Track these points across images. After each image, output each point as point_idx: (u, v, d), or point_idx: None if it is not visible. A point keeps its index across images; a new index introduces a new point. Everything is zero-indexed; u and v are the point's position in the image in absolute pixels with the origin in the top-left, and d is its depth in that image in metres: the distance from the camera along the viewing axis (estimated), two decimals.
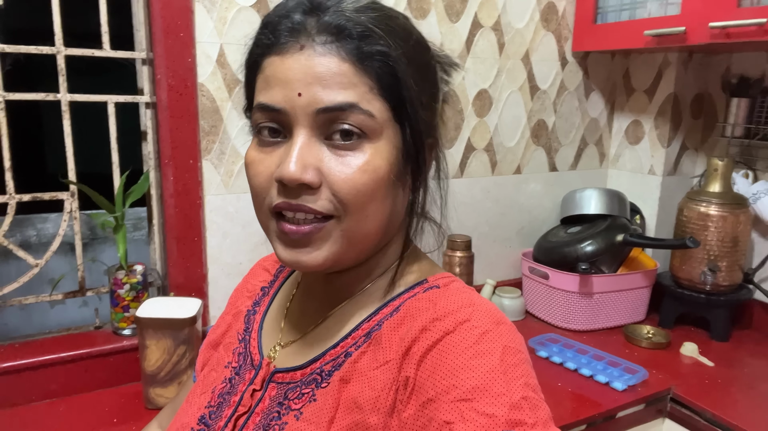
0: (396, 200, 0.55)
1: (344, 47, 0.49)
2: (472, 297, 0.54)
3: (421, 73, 0.54)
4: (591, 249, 1.48)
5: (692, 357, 1.36)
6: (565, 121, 1.68)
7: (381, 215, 0.53)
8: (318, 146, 0.50)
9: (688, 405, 1.19)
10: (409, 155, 0.54)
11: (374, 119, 0.50)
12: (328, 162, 0.50)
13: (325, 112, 0.49)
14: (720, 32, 1.23)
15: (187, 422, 0.62)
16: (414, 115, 0.53)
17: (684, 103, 1.63)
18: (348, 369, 0.54)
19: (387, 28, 0.51)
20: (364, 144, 0.51)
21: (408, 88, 0.51)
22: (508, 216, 1.65)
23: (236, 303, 0.73)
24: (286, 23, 0.51)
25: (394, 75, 0.51)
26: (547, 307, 1.54)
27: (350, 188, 0.50)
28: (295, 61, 0.49)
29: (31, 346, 1.15)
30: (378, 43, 0.50)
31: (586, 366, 1.27)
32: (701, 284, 1.46)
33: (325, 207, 0.50)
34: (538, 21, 1.56)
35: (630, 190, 1.72)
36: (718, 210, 1.43)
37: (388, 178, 0.52)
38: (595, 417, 1.13)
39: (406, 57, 0.51)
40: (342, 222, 0.51)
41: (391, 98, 0.51)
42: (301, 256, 0.52)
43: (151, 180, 1.24)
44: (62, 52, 1.12)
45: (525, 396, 0.45)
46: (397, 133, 0.53)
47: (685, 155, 1.68)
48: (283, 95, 0.50)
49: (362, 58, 0.49)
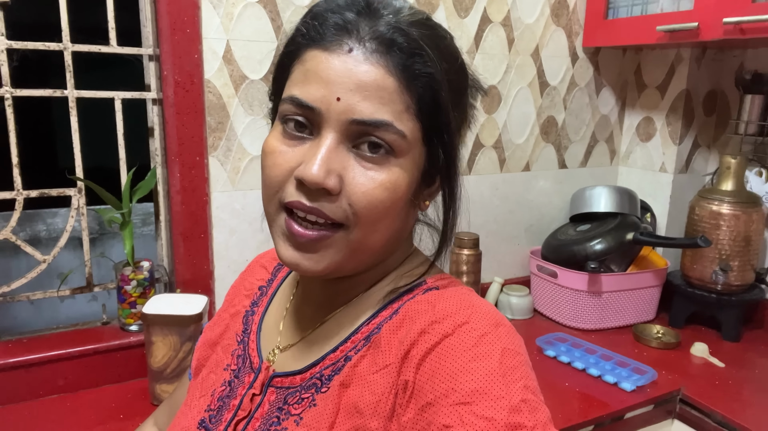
0: (407, 217, 0.56)
1: (393, 60, 0.48)
2: (470, 299, 0.53)
3: (458, 99, 0.54)
4: (600, 248, 1.47)
5: (702, 358, 1.35)
6: (575, 117, 1.66)
7: (390, 231, 0.53)
8: (344, 153, 0.50)
9: (698, 406, 1.18)
10: (430, 176, 0.54)
11: (405, 139, 0.50)
12: (352, 171, 0.49)
13: (359, 125, 0.48)
14: (734, 28, 1.21)
15: (187, 425, 0.61)
16: (449, 140, 0.52)
17: (696, 99, 1.60)
18: (348, 373, 0.53)
19: (437, 48, 0.50)
20: (391, 160, 0.50)
21: (445, 113, 0.51)
22: (517, 214, 1.63)
23: (234, 301, 0.72)
24: (337, 19, 0.49)
25: (435, 98, 0.50)
26: (556, 306, 1.53)
27: (368, 202, 0.49)
28: (340, 62, 0.48)
29: (38, 341, 1.15)
30: (426, 64, 0.49)
31: (594, 366, 1.25)
32: (712, 284, 1.44)
33: (338, 215, 0.50)
34: (549, 16, 1.54)
35: (641, 188, 1.70)
36: (731, 208, 1.40)
37: (405, 197, 0.52)
38: (603, 418, 1.12)
39: (448, 81, 0.51)
40: (350, 233, 0.51)
41: (426, 120, 0.51)
42: (303, 260, 0.52)
43: (158, 176, 1.24)
44: (69, 49, 1.12)
45: (524, 399, 0.45)
46: (422, 154, 0.53)
47: (698, 152, 1.65)
48: (322, 95, 0.49)
49: (408, 76, 0.48)
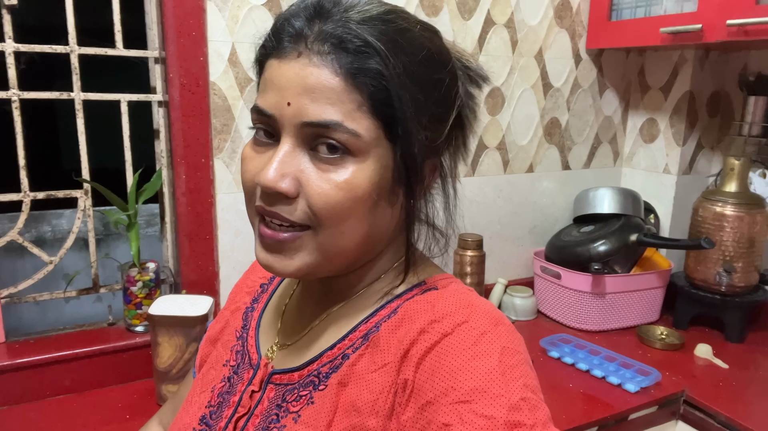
0: (380, 218, 0.54)
1: (339, 60, 0.48)
2: (470, 298, 0.53)
3: (426, 92, 0.52)
4: (604, 249, 1.47)
5: (706, 359, 1.35)
6: (579, 119, 1.67)
7: (359, 232, 0.52)
8: (301, 156, 0.50)
9: (702, 407, 1.18)
10: (401, 175, 0.53)
11: (359, 138, 0.49)
12: (309, 174, 0.50)
13: (310, 127, 0.49)
14: (738, 30, 1.21)
15: (189, 422, 0.62)
16: (406, 136, 0.50)
17: (700, 101, 1.60)
18: (346, 372, 0.54)
19: (390, 43, 0.49)
20: (348, 160, 0.49)
21: (403, 108, 0.49)
22: (521, 215, 1.64)
23: (235, 298, 0.73)
24: (289, 28, 0.50)
25: (387, 94, 0.49)
26: (559, 307, 1.53)
27: (324, 203, 0.49)
28: (290, 68, 0.49)
29: (45, 342, 1.16)
30: (374, 59, 0.48)
31: (598, 367, 1.25)
32: (716, 285, 1.44)
33: (300, 217, 0.50)
34: (552, 18, 1.54)
35: (644, 189, 1.70)
36: (734, 210, 1.40)
37: (368, 198, 0.51)
38: (607, 419, 1.12)
39: (407, 75, 0.49)
40: (318, 234, 0.51)
41: (382, 117, 0.49)
42: (275, 262, 0.53)
43: (163, 178, 1.25)
44: (75, 51, 1.13)
45: (524, 397, 0.45)
46: (388, 152, 0.51)
47: (701, 154, 1.65)
48: (275, 101, 0.50)
49: (355, 74, 0.48)
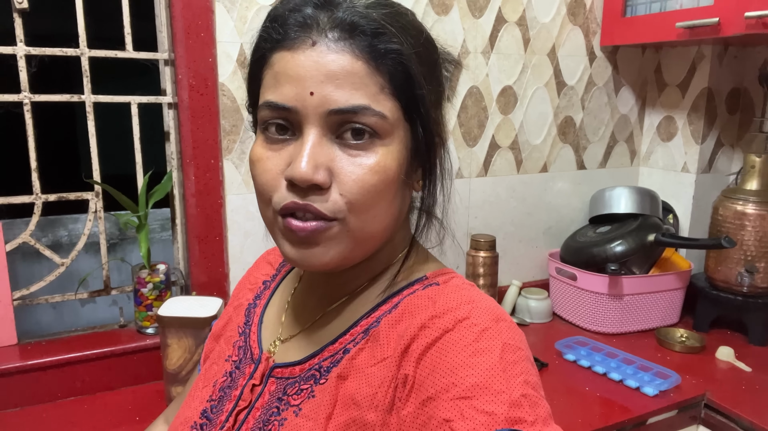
0: (403, 200, 0.55)
1: (357, 44, 0.48)
2: (471, 294, 0.53)
3: (431, 72, 0.54)
4: (621, 250, 1.44)
5: (728, 362, 1.31)
6: (594, 117, 1.64)
7: (388, 215, 0.53)
8: (329, 145, 0.50)
9: (724, 411, 1.14)
10: (419, 154, 0.54)
11: (386, 120, 0.50)
12: (339, 161, 0.49)
13: (338, 114, 0.48)
14: (756, 22, 1.17)
15: (190, 415, 0.62)
16: (426, 113, 0.52)
17: (719, 97, 1.57)
18: (346, 365, 0.54)
19: (399, 25, 0.50)
20: (376, 143, 0.50)
21: (420, 87, 0.51)
22: (535, 215, 1.61)
23: (238, 295, 0.73)
24: (296, 17, 0.49)
25: (406, 73, 0.50)
26: (575, 309, 1.50)
27: (360, 189, 0.49)
28: (306, 57, 0.48)
29: (57, 344, 1.17)
30: (391, 41, 0.49)
31: (616, 370, 1.22)
32: (738, 286, 1.40)
33: (332, 209, 0.50)
34: (565, 15, 1.52)
35: (663, 189, 1.66)
36: (756, 208, 1.37)
37: (397, 179, 0.51)
38: (625, 423, 1.09)
39: (417, 55, 0.51)
40: (347, 223, 0.51)
41: (402, 97, 0.50)
42: (308, 256, 0.52)
43: (174, 180, 1.25)
44: (86, 54, 1.14)
45: (525, 394, 0.45)
46: (407, 132, 0.52)
47: (721, 152, 1.61)
48: (295, 93, 0.49)
49: (375, 56, 0.48)
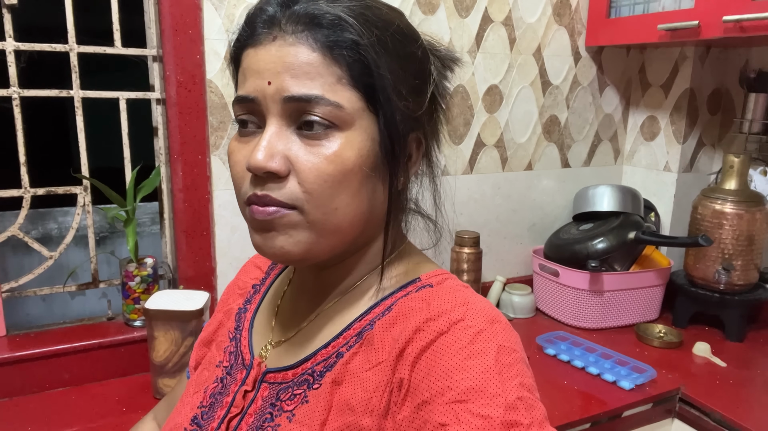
0: (373, 195, 0.54)
1: (314, 36, 0.49)
2: (465, 296, 0.53)
3: (401, 64, 0.53)
4: (602, 247, 1.47)
5: (704, 357, 1.34)
6: (579, 116, 1.66)
7: (353, 208, 0.52)
8: (288, 135, 0.51)
9: (698, 405, 1.17)
10: (389, 147, 0.53)
11: (343, 110, 0.50)
12: (297, 151, 0.50)
13: (292, 101, 0.49)
14: (734, 26, 1.20)
15: (180, 422, 0.62)
16: (388, 104, 0.51)
17: (701, 98, 1.59)
18: (340, 370, 0.53)
19: (361, 17, 0.50)
20: (334, 133, 0.50)
21: (381, 78, 0.50)
22: (520, 212, 1.64)
23: (228, 300, 0.73)
24: (262, 16, 0.51)
25: (365, 64, 0.50)
26: (558, 305, 1.53)
27: (315, 177, 0.49)
28: (266, 51, 0.50)
29: (45, 336, 1.18)
30: (348, 31, 0.49)
31: (594, 365, 1.25)
32: (715, 283, 1.43)
33: (290, 197, 0.50)
34: (551, 15, 1.54)
35: (645, 187, 1.69)
36: (734, 207, 1.40)
37: (358, 170, 0.51)
38: (600, 416, 1.12)
39: (381, 46, 0.51)
40: (307, 213, 0.50)
41: (363, 87, 0.50)
42: (270, 242, 0.52)
43: (162, 175, 1.27)
44: (75, 50, 1.15)
45: (520, 397, 0.45)
46: (373, 123, 0.52)
47: (702, 151, 1.64)
48: (255, 85, 0.51)
49: (332, 47, 0.49)
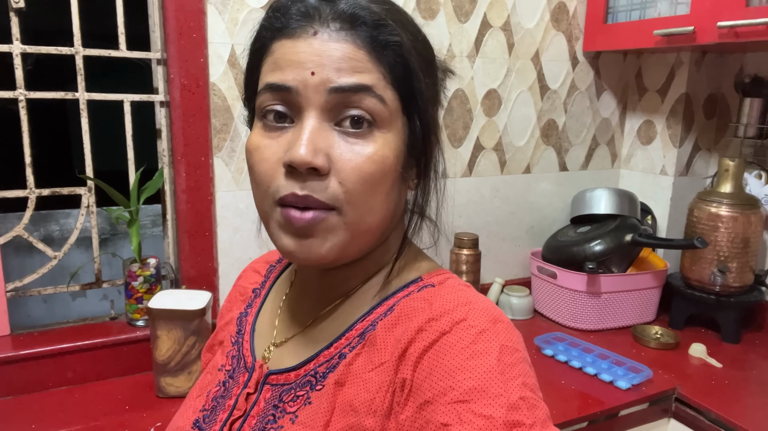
0: (400, 195, 0.55)
1: (359, 35, 0.49)
2: (468, 295, 0.53)
3: (428, 69, 0.54)
4: (599, 249, 1.48)
5: (700, 358, 1.36)
6: (576, 120, 1.68)
7: (385, 209, 0.52)
8: (328, 131, 0.49)
9: (693, 405, 1.19)
10: (415, 150, 0.53)
11: (386, 106, 0.50)
12: (338, 148, 0.49)
13: (339, 92, 0.48)
14: (729, 32, 1.22)
15: (182, 425, 0.62)
16: (424, 108, 0.52)
17: (697, 103, 1.62)
18: (342, 371, 0.53)
19: (399, 20, 0.51)
20: (375, 132, 0.50)
21: (419, 80, 0.51)
22: (518, 215, 1.65)
23: (231, 308, 0.73)
24: (299, 7, 0.50)
25: (406, 66, 0.50)
26: (555, 306, 1.55)
27: (358, 177, 0.49)
28: (308, 45, 0.49)
29: (49, 335, 1.19)
30: (392, 34, 0.49)
31: (591, 365, 1.27)
32: (711, 285, 1.45)
33: (330, 197, 0.49)
34: (549, 21, 1.56)
35: (642, 191, 1.71)
36: (729, 210, 1.41)
37: (395, 170, 0.51)
38: (597, 415, 1.14)
39: (415, 50, 0.52)
40: (345, 214, 0.50)
41: (402, 89, 0.51)
42: (306, 248, 0.50)
43: (165, 176, 1.28)
44: (80, 53, 1.17)
45: (523, 397, 0.45)
46: (405, 126, 0.52)
47: (698, 155, 1.66)
48: (295, 74, 0.48)
49: (376, 47, 0.49)
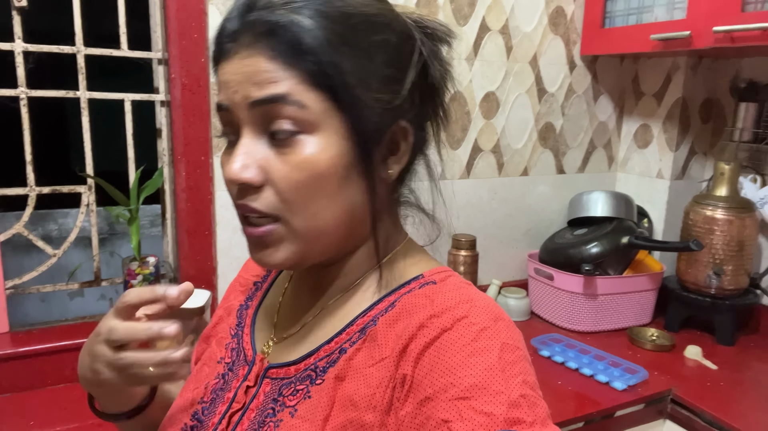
0: (358, 191, 0.53)
1: (270, 44, 0.49)
2: (469, 293, 0.53)
3: (369, 55, 0.51)
4: (596, 251, 1.49)
5: (696, 360, 1.37)
6: (573, 124, 1.70)
7: (333, 210, 0.52)
8: (263, 144, 0.51)
9: (689, 406, 1.20)
10: (373, 135, 0.52)
11: (307, 110, 0.49)
12: (271, 160, 0.50)
13: (258, 106, 0.50)
14: (724, 36, 1.24)
15: (180, 418, 0.62)
16: (354, 101, 0.50)
17: (693, 107, 1.63)
18: (343, 366, 0.53)
19: (318, 15, 0.49)
20: (302, 138, 0.50)
21: (341, 76, 0.49)
22: (515, 217, 1.66)
23: (229, 297, 0.74)
24: (227, 29, 0.52)
25: (322, 64, 0.49)
26: (552, 308, 1.56)
27: (289, 186, 0.50)
28: (231, 64, 0.51)
29: (47, 333, 1.20)
30: (304, 35, 0.48)
31: (587, 366, 1.28)
32: (706, 287, 1.46)
33: (270, 207, 0.51)
34: (546, 25, 1.57)
35: (638, 194, 1.72)
36: (724, 213, 1.43)
37: (333, 172, 0.51)
38: (593, 415, 1.14)
39: (342, 42, 0.50)
40: (289, 223, 0.51)
41: (326, 88, 0.50)
42: (264, 257, 0.54)
43: (164, 176, 1.29)
44: (82, 52, 1.17)
45: (523, 394, 0.45)
46: (343, 123, 0.51)
47: (694, 159, 1.68)
48: (227, 95, 0.51)
49: (288, 53, 0.49)
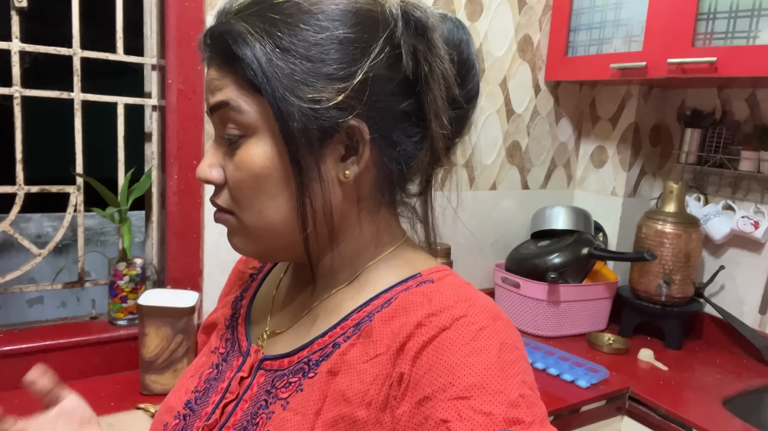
0: (311, 191, 0.53)
1: (218, 54, 0.52)
2: (468, 292, 0.53)
3: (313, 56, 0.50)
4: (559, 261, 1.60)
5: (649, 362, 1.49)
6: (537, 143, 1.82)
7: (277, 209, 0.53)
8: (225, 147, 0.55)
9: (645, 402, 1.31)
10: (293, 143, 0.51)
11: (246, 114, 0.52)
12: (226, 161, 0.55)
13: (213, 111, 0.54)
14: (677, 68, 1.38)
15: (174, 406, 0.63)
16: (284, 102, 0.50)
17: (644, 131, 1.79)
18: (336, 360, 0.53)
19: (260, 20, 0.50)
20: (242, 141, 0.53)
21: (272, 77, 0.50)
22: (484, 228, 1.76)
23: (229, 292, 0.75)
24: (200, 40, 0.56)
25: (252, 68, 0.50)
26: (518, 314, 1.65)
27: (234, 186, 0.54)
28: (206, 73, 0.56)
29: (30, 333, 1.19)
30: (240, 42, 0.50)
31: (554, 366, 1.37)
32: (657, 296, 1.59)
33: (225, 202, 0.56)
34: (515, 51, 1.70)
35: (594, 210, 1.85)
36: (673, 228, 1.57)
37: (268, 173, 0.52)
38: (562, 410, 1.24)
39: (280, 47, 0.50)
40: (238, 217, 0.55)
41: (259, 91, 0.51)
42: (232, 242, 0.58)
43: (152, 179, 1.31)
44: (78, 54, 1.19)
45: (523, 394, 0.45)
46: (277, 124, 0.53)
47: (644, 179, 1.83)
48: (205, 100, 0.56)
49: (228, 60, 0.51)
